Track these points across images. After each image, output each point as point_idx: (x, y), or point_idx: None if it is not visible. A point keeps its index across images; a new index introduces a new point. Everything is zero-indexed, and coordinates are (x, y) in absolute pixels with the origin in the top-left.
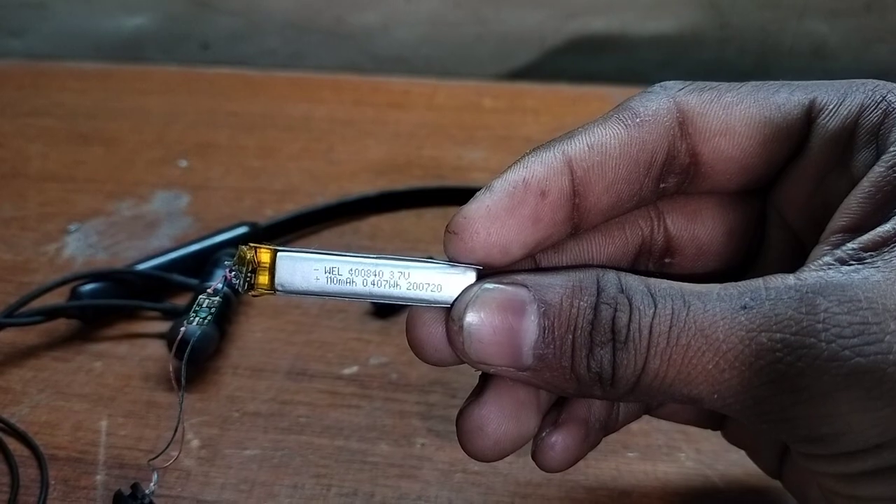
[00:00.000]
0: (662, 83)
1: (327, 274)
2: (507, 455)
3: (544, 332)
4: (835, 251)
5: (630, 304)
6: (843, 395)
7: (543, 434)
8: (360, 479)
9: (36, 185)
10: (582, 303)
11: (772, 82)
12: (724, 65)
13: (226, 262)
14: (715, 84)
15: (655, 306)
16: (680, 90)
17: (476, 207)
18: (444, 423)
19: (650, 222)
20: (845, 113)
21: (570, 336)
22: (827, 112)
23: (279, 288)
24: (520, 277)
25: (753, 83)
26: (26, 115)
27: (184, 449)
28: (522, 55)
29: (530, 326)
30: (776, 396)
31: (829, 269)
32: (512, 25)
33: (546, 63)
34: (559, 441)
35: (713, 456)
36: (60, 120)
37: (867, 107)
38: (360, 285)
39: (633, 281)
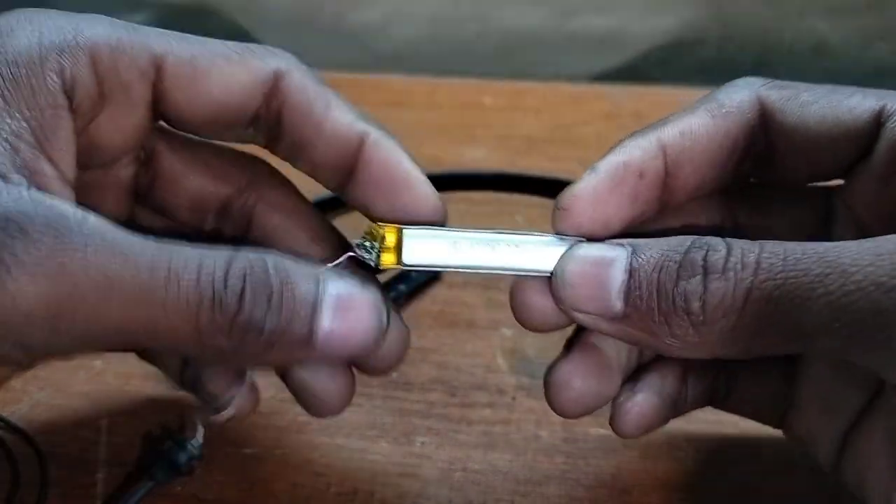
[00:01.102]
0: (746, 78)
1: (450, 249)
2: (589, 413)
3: (630, 277)
4: None
5: (728, 246)
6: None
7: (621, 399)
8: (360, 477)
9: None
10: (673, 252)
11: (847, 87)
12: (724, 64)
13: (354, 241)
14: (794, 83)
15: (763, 246)
16: (762, 86)
17: (583, 187)
18: (444, 421)
19: (721, 213)
20: None
21: (656, 276)
22: (894, 119)
23: (406, 262)
24: (617, 241)
25: (830, 86)
26: None
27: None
28: (523, 54)
29: (618, 272)
30: None
31: None
32: (512, 24)
33: (546, 61)
34: (634, 407)
35: (713, 455)
36: None
37: None
38: (479, 259)
39: (738, 241)
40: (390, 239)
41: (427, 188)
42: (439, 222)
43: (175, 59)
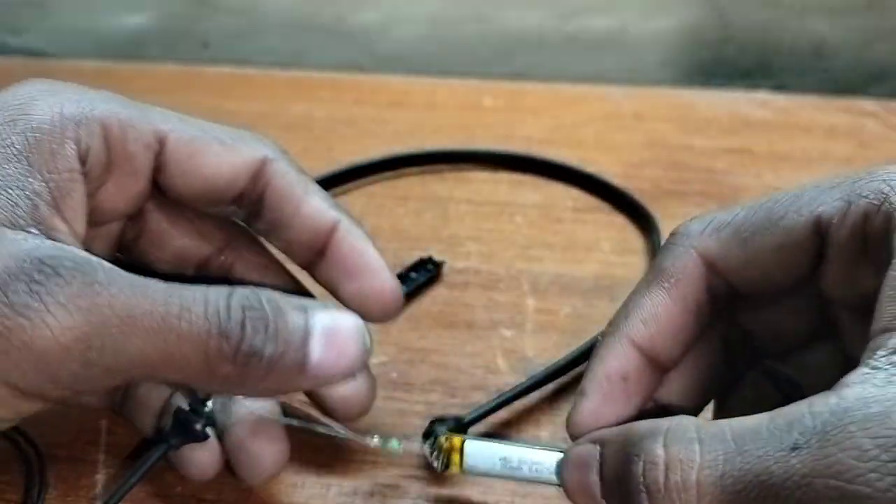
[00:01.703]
0: (685, 229)
1: (501, 461)
2: None
3: (602, 483)
4: (870, 359)
5: (666, 453)
6: None
7: None
8: (360, 478)
9: None
10: (623, 454)
11: (782, 198)
12: (724, 65)
13: (426, 447)
14: (731, 217)
15: (701, 456)
16: (699, 236)
17: (579, 415)
18: None
19: (725, 326)
20: (851, 224)
21: (616, 486)
22: (834, 226)
23: (467, 470)
24: (595, 434)
25: (766, 205)
26: None
27: None
28: (523, 54)
29: (595, 477)
30: None
31: (866, 381)
32: (512, 24)
33: (546, 62)
34: None
35: None
36: None
37: (870, 214)
38: (525, 471)
39: (679, 428)
40: (458, 443)
41: (387, 276)
42: (396, 306)
43: (176, 137)
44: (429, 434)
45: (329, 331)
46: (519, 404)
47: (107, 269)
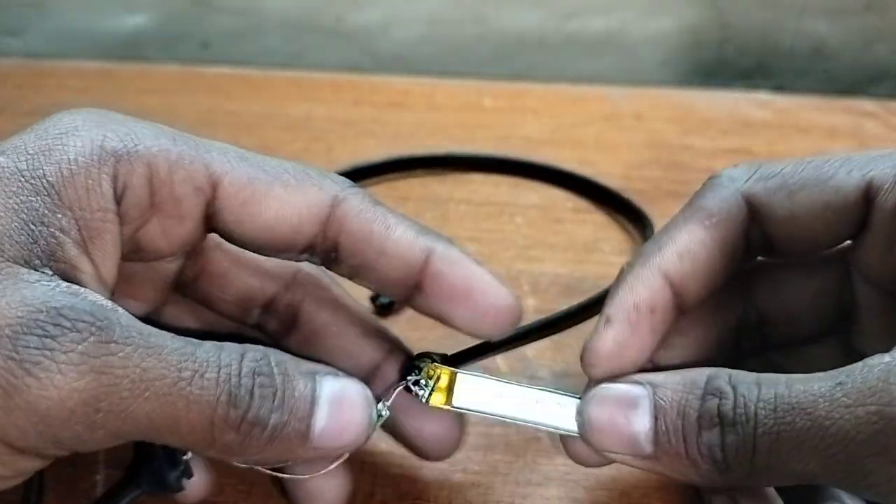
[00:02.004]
0: (730, 173)
1: (495, 397)
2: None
3: (656, 421)
4: None
5: (734, 392)
6: None
7: None
8: (360, 479)
9: None
10: (690, 395)
11: (831, 159)
12: (725, 65)
13: (409, 378)
14: (778, 169)
15: (759, 390)
16: (746, 181)
17: (603, 343)
18: None
19: (741, 304)
20: None
21: (680, 422)
22: (884, 191)
23: (455, 405)
24: (637, 377)
25: (814, 163)
26: (26, 115)
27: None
28: (522, 55)
29: (643, 417)
30: (883, 468)
31: None
32: (512, 25)
33: (546, 63)
34: None
35: None
36: None
37: None
38: (520, 411)
39: (740, 375)
40: (443, 380)
41: (497, 291)
42: (516, 320)
43: (232, 180)
44: (412, 367)
45: (335, 401)
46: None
47: (124, 324)
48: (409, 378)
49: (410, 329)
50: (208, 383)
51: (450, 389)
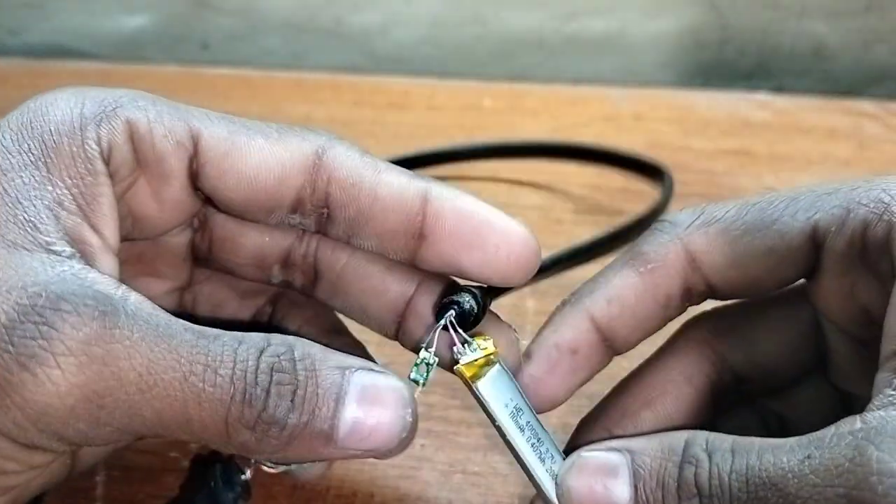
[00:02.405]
0: (673, 218)
1: (511, 407)
2: None
3: (636, 491)
4: (892, 381)
5: (710, 461)
6: None
7: None
8: (360, 480)
9: None
10: (669, 463)
11: (776, 200)
12: (724, 65)
13: (449, 315)
14: (720, 212)
15: (733, 460)
16: (686, 228)
17: (523, 382)
18: (444, 423)
19: (714, 366)
20: (849, 233)
21: (660, 493)
22: (832, 235)
23: (476, 387)
24: (615, 443)
25: (759, 205)
26: None
27: (181, 451)
28: (522, 55)
29: (623, 486)
30: None
31: (890, 405)
32: (512, 26)
33: (546, 63)
34: None
35: None
36: None
37: (870, 223)
38: (522, 438)
39: (717, 441)
40: (481, 357)
41: (508, 225)
42: (535, 257)
43: (211, 134)
44: (448, 305)
45: (365, 399)
46: None
47: (130, 310)
48: (447, 314)
49: None
50: (221, 380)
51: (480, 368)
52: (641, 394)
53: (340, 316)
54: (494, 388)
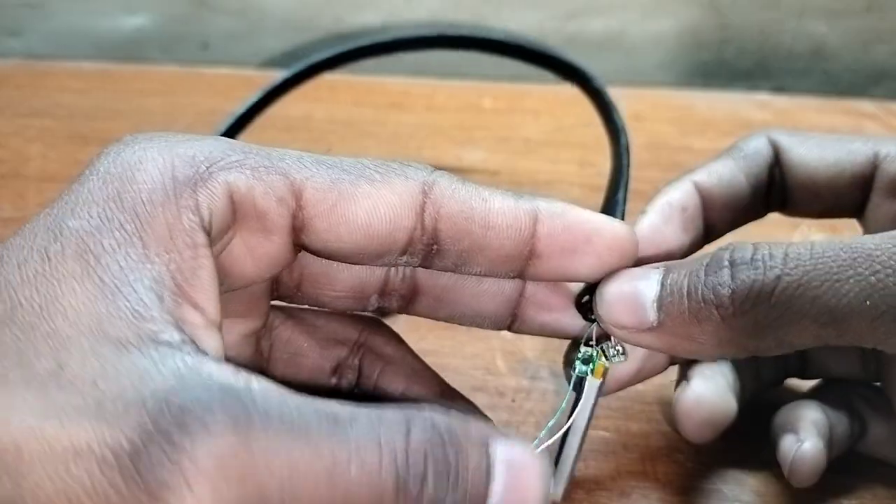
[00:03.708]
0: (766, 129)
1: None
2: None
3: (664, 287)
4: None
5: (755, 245)
6: None
7: (790, 453)
8: None
9: (35, 186)
10: (700, 259)
11: (852, 135)
12: (724, 65)
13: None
14: (807, 133)
15: (789, 245)
16: (774, 130)
17: (639, 228)
18: None
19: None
20: None
21: (686, 280)
22: (888, 160)
23: (593, 385)
24: (653, 265)
25: (837, 136)
26: (25, 116)
27: None
28: None
29: (652, 286)
30: None
31: None
32: (512, 26)
33: None
34: (806, 457)
35: (713, 456)
36: (60, 120)
37: None
38: (577, 445)
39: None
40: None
41: (617, 226)
42: (634, 246)
43: (315, 185)
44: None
45: (511, 471)
46: (517, 407)
47: (261, 403)
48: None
49: (410, 330)
50: (371, 467)
51: (602, 374)
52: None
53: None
54: (597, 394)
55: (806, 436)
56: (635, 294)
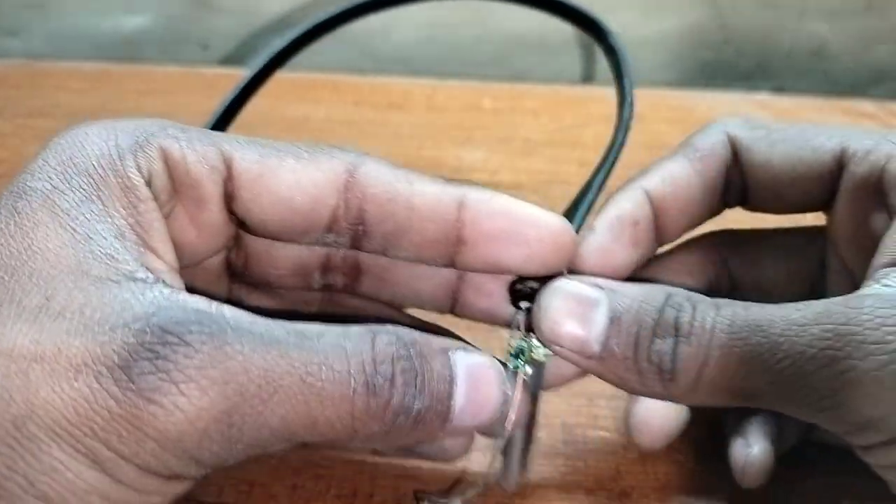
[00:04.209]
0: (723, 120)
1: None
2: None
3: (611, 324)
4: (880, 280)
5: (693, 308)
6: (888, 374)
7: (739, 457)
8: (360, 479)
9: None
10: (649, 306)
11: (815, 127)
12: (724, 65)
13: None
14: (767, 125)
15: (718, 309)
16: (733, 124)
17: (589, 250)
18: None
19: (715, 269)
20: (872, 161)
21: (635, 329)
22: (856, 159)
23: (526, 372)
24: (599, 281)
25: (800, 126)
26: (25, 116)
27: None
28: (522, 55)
29: (600, 316)
30: (828, 381)
31: (875, 286)
32: (511, 26)
33: (546, 63)
34: (754, 462)
35: (713, 457)
36: (59, 120)
37: (893, 157)
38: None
39: (699, 296)
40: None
41: (545, 214)
42: (571, 244)
43: (243, 157)
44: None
45: (471, 378)
46: None
47: (232, 322)
48: (523, 306)
49: None
50: (339, 375)
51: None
52: (641, 272)
53: None
54: (533, 387)
55: (754, 441)
56: (580, 322)
